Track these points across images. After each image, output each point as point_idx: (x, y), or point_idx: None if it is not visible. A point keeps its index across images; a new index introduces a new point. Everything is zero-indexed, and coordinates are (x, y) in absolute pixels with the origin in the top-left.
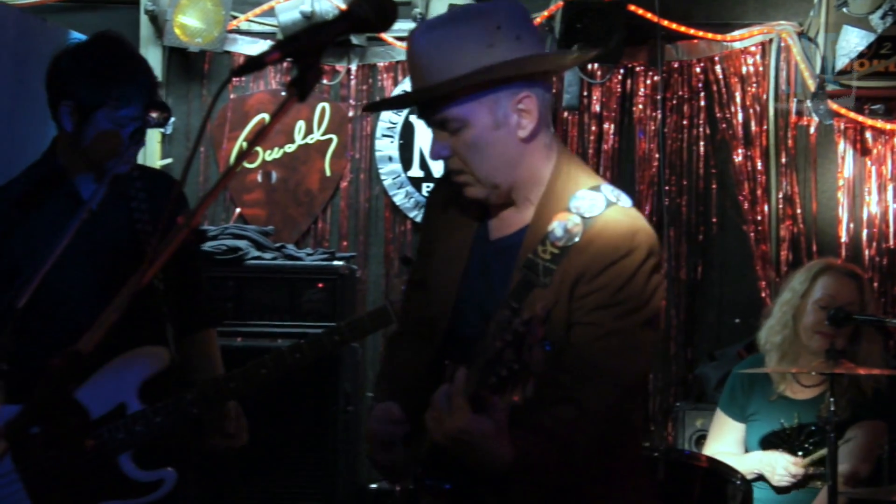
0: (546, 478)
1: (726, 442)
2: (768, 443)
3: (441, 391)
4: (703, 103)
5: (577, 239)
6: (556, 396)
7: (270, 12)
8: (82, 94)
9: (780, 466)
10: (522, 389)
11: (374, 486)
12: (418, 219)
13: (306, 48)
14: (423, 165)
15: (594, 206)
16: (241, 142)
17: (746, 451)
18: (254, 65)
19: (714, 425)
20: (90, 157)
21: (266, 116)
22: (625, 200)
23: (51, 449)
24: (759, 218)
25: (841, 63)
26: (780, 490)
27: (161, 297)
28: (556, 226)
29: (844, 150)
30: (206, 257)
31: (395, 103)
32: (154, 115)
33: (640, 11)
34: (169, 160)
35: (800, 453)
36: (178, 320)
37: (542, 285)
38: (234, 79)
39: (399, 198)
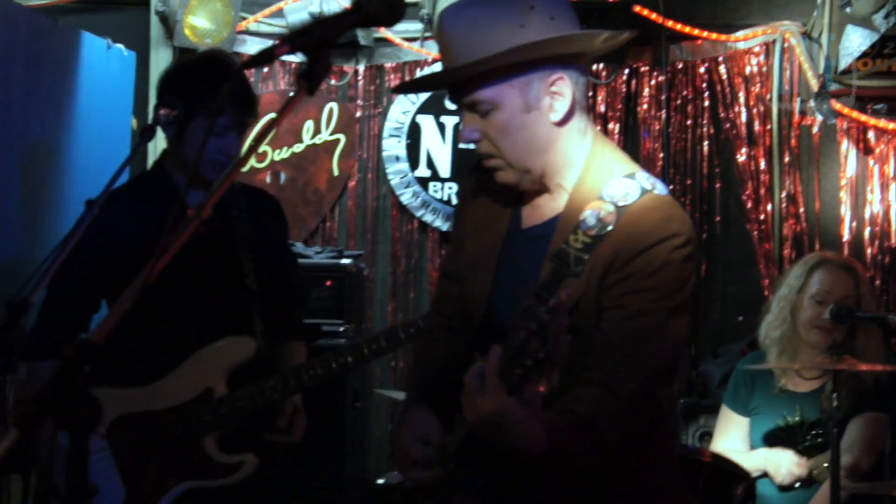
0: (576, 464)
1: (732, 437)
2: (773, 437)
3: (474, 371)
4: (707, 103)
5: (609, 228)
6: (584, 380)
7: (279, 13)
8: (181, 103)
9: (785, 466)
10: (548, 380)
11: (381, 481)
12: (425, 218)
13: (315, 42)
14: (430, 165)
15: (628, 194)
16: (250, 141)
17: (751, 446)
18: (263, 58)
19: (720, 421)
20: (187, 163)
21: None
22: (661, 188)
23: (141, 428)
24: (762, 217)
25: (844, 63)
26: (783, 488)
27: (253, 297)
28: (589, 214)
29: (847, 149)
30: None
31: (425, 84)
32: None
33: (645, 12)
34: None
35: (803, 446)
36: (271, 326)
37: (574, 275)
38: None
39: (406, 197)
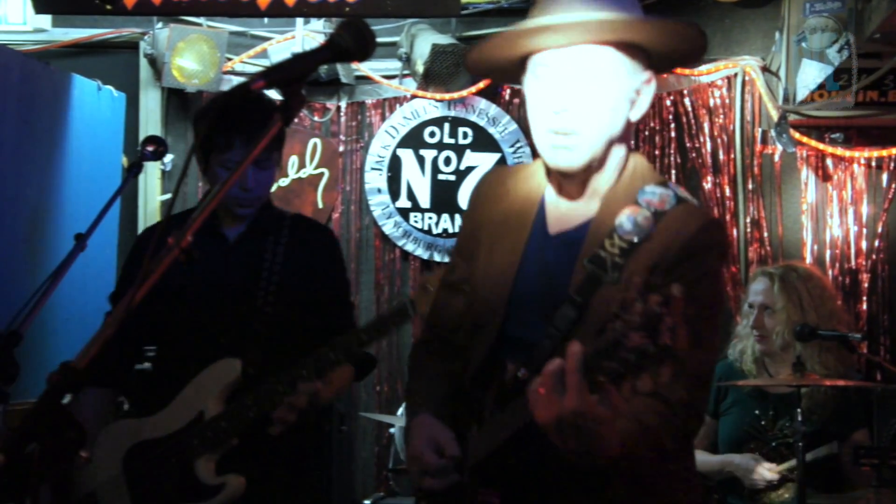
0: (643, 472)
1: (698, 435)
2: (744, 435)
3: (552, 368)
4: (673, 134)
5: (648, 233)
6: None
7: (263, 54)
8: (202, 140)
9: (756, 470)
10: (656, 375)
11: (367, 502)
12: (407, 247)
13: (290, 76)
14: (411, 196)
15: (665, 201)
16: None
17: (720, 444)
18: (240, 92)
19: None
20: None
21: None
22: (693, 199)
23: (148, 456)
24: (727, 242)
25: (801, 94)
26: (753, 492)
27: (261, 319)
28: (625, 219)
29: (807, 176)
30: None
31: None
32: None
33: None
34: (168, 195)
35: (771, 447)
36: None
37: (612, 281)
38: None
39: (388, 227)
